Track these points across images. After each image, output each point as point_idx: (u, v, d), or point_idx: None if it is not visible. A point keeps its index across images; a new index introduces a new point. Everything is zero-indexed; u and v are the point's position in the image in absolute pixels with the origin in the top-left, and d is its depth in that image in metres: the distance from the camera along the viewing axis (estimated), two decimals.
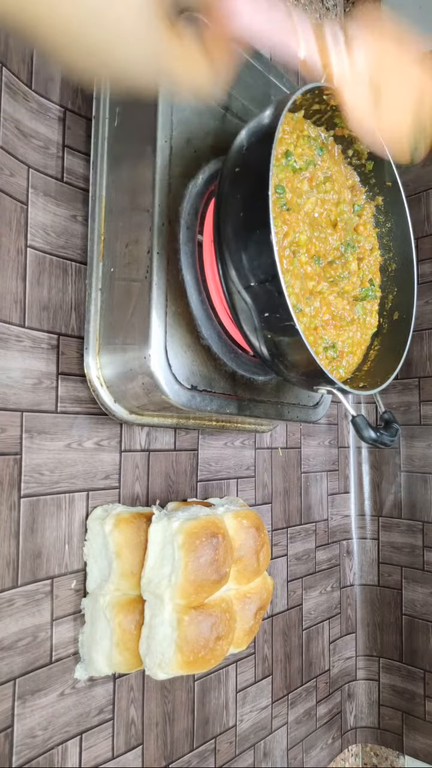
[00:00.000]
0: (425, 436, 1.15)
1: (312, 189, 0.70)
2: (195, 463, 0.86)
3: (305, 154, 0.69)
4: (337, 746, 1.16)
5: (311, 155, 0.70)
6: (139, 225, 0.64)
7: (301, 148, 0.69)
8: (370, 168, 0.77)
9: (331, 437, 1.20)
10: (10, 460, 0.62)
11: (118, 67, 0.36)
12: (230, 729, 0.91)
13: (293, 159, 0.67)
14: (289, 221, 0.66)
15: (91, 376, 0.67)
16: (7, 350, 0.62)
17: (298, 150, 0.68)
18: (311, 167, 0.70)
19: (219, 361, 0.70)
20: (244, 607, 0.72)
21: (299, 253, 0.66)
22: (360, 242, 0.77)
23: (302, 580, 1.09)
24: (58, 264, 0.68)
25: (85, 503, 0.70)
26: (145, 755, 0.77)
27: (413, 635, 1.15)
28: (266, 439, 1.01)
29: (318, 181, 0.71)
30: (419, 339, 1.15)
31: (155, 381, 0.61)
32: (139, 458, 0.77)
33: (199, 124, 0.69)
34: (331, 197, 0.73)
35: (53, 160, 0.68)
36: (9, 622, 0.61)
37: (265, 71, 0.80)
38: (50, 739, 0.65)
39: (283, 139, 0.67)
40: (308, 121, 0.72)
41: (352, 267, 0.74)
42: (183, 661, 0.63)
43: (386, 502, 1.21)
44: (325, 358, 0.70)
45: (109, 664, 0.67)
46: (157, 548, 0.66)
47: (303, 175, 0.69)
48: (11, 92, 0.63)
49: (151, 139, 0.63)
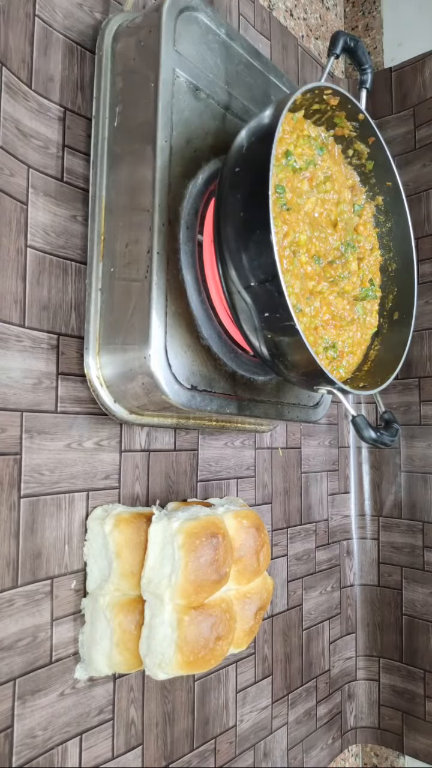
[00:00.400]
0: (425, 436, 1.15)
1: (312, 189, 0.70)
2: (195, 463, 0.86)
3: (305, 154, 0.69)
4: (337, 746, 1.16)
5: (311, 155, 0.70)
6: (139, 225, 0.64)
7: (301, 147, 0.69)
8: (370, 168, 0.77)
9: (331, 437, 1.20)
10: (10, 460, 0.62)
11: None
12: (230, 729, 0.91)
13: (293, 159, 0.67)
14: (289, 221, 0.66)
15: (91, 376, 0.67)
16: (7, 350, 0.62)
17: (298, 150, 0.68)
18: (311, 167, 0.70)
19: (219, 361, 0.70)
20: (244, 607, 0.72)
21: (299, 253, 0.66)
22: (360, 242, 0.77)
23: (302, 580, 1.09)
24: (58, 264, 0.68)
25: (85, 503, 0.70)
26: (145, 755, 0.77)
27: (413, 635, 1.15)
28: (266, 439, 1.01)
29: (318, 181, 0.71)
30: (419, 339, 1.15)
31: (155, 381, 0.61)
32: (139, 458, 0.77)
33: (199, 124, 0.69)
34: (331, 197, 0.73)
35: (53, 160, 0.68)
36: (9, 623, 0.61)
37: (265, 71, 0.80)
38: (50, 740, 0.65)
39: (283, 138, 0.67)
40: (308, 121, 0.72)
41: (352, 267, 0.74)
42: (183, 662, 0.63)
43: (386, 502, 1.21)
44: (326, 358, 0.70)
45: (109, 664, 0.67)
46: (157, 548, 0.66)
47: (303, 174, 0.69)
48: (11, 92, 0.63)
49: (151, 139, 0.63)
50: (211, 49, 0.71)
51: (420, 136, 1.17)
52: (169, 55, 0.65)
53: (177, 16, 0.66)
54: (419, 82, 1.19)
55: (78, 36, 0.71)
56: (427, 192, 1.16)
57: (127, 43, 0.68)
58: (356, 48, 0.73)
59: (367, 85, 0.75)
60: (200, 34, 0.69)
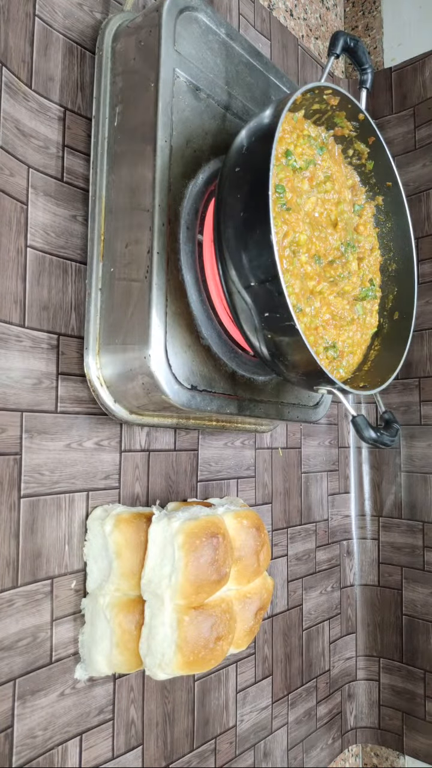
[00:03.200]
0: (425, 436, 1.15)
1: (312, 188, 0.70)
2: (195, 463, 0.86)
3: (305, 154, 0.69)
4: (337, 746, 1.16)
5: (311, 154, 0.70)
6: (139, 225, 0.64)
7: (301, 147, 0.69)
8: (371, 168, 0.77)
9: (331, 437, 1.20)
10: (10, 460, 0.62)
11: None
12: (230, 729, 0.91)
13: (293, 158, 0.67)
14: (289, 221, 0.66)
15: (91, 376, 0.67)
16: (7, 350, 0.62)
17: (298, 149, 0.68)
18: (311, 166, 0.70)
19: (219, 361, 0.69)
20: (244, 607, 0.72)
21: (299, 253, 0.66)
22: (360, 242, 0.77)
23: (302, 581, 1.09)
24: (58, 264, 0.68)
25: (85, 503, 0.70)
26: (145, 755, 0.77)
27: (413, 635, 1.15)
28: (266, 439, 1.01)
29: (318, 181, 0.71)
30: (419, 339, 1.15)
31: (155, 381, 0.61)
32: (139, 458, 0.77)
33: (199, 124, 0.69)
34: (331, 197, 0.73)
35: (53, 160, 0.68)
36: (9, 623, 0.61)
37: (265, 71, 0.80)
38: (50, 740, 0.65)
39: (283, 138, 0.67)
40: (308, 121, 0.72)
41: (353, 267, 0.74)
42: (183, 662, 0.63)
43: (386, 502, 1.21)
44: (326, 358, 0.70)
45: (109, 664, 0.67)
46: (157, 548, 0.66)
47: (303, 174, 0.69)
48: (11, 92, 0.63)
49: (151, 139, 0.63)
50: (211, 49, 0.71)
51: (420, 136, 1.17)
52: (169, 55, 0.65)
53: (177, 16, 0.66)
54: (419, 82, 1.19)
55: (78, 36, 0.71)
56: (427, 192, 1.16)
57: (127, 43, 0.68)
58: (356, 48, 0.73)
59: (367, 85, 0.75)
60: (200, 34, 0.69)
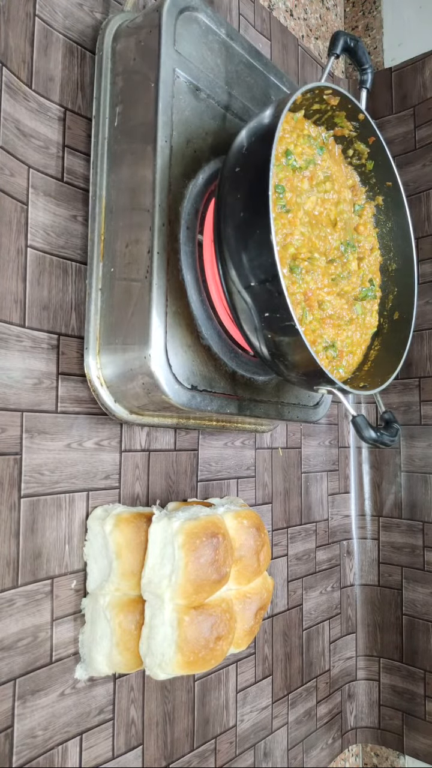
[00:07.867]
0: (425, 436, 1.15)
1: (312, 188, 0.70)
2: (195, 463, 0.86)
3: (305, 153, 0.69)
4: (337, 746, 1.16)
5: (311, 154, 0.70)
6: (139, 225, 0.64)
7: (301, 147, 0.69)
8: (371, 168, 0.77)
9: (331, 437, 1.20)
10: (10, 460, 0.62)
11: None
12: (230, 729, 0.91)
13: (293, 158, 0.67)
14: (289, 221, 0.66)
15: (92, 376, 0.67)
16: (7, 350, 0.62)
17: (298, 149, 0.68)
18: (311, 166, 0.70)
19: (219, 361, 0.69)
20: (245, 607, 0.72)
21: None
22: (360, 242, 0.77)
23: (302, 580, 1.09)
24: (58, 264, 0.68)
25: (85, 503, 0.70)
26: (145, 755, 0.77)
27: (413, 635, 1.15)
28: (266, 439, 1.01)
29: (318, 180, 0.71)
30: (419, 339, 1.15)
31: (155, 381, 0.61)
32: (139, 458, 0.77)
33: (199, 124, 0.69)
34: (331, 197, 0.73)
35: (53, 160, 0.68)
36: (9, 622, 0.61)
37: (265, 71, 0.80)
38: (50, 740, 0.65)
39: (283, 138, 0.67)
40: (308, 121, 0.72)
41: (352, 267, 0.74)
42: (183, 662, 0.63)
43: (386, 502, 1.21)
44: (326, 357, 0.70)
45: (110, 664, 0.67)
46: (158, 548, 0.66)
47: (303, 173, 0.69)
48: (11, 92, 0.63)
49: (151, 139, 0.63)
50: (211, 49, 0.71)
51: (420, 136, 1.17)
52: (169, 55, 0.65)
53: (177, 16, 0.66)
54: (419, 82, 1.19)
55: (78, 36, 0.71)
56: (427, 192, 1.16)
57: (127, 43, 0.68)
58: (356, 48, 0.73)
59: (367, 85, 0.75)
60: (200, 34, 0.69)
